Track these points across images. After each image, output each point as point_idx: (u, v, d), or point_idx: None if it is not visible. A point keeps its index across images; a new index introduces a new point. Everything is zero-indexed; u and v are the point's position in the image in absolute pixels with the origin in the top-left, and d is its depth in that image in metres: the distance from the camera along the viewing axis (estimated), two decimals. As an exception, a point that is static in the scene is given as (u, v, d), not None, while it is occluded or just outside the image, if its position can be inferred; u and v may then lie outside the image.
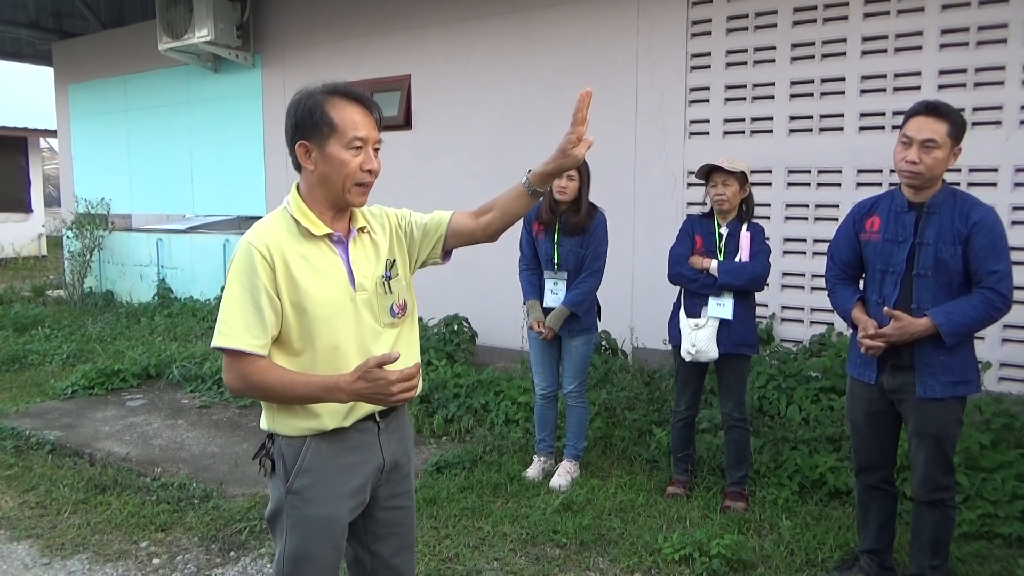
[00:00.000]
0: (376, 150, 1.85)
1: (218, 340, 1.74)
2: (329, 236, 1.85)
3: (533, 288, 4.02)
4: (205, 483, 4.06)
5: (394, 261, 1.95)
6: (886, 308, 2.72)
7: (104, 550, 3.40)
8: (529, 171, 1.92)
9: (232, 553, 3.37)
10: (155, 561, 3.32)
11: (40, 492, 4.00)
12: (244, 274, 1.75)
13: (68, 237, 10.00)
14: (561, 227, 3.93)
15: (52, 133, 14.32)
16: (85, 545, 3.45)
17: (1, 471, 4.27)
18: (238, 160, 8.36)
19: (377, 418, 1.92)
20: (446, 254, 2.04)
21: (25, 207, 15.88)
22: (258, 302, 1.74)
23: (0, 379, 6.25)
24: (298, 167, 1.86)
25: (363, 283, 1.87)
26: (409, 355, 1.96)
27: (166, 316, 8.27)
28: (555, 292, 3.92)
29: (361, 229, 1.92)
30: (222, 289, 1.80)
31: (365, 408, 1.87)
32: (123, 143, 9.61)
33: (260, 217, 1.93)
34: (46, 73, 12.63)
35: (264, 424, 1.90)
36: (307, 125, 1.79)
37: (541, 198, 1.98)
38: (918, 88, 4.55)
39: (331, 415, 1.84)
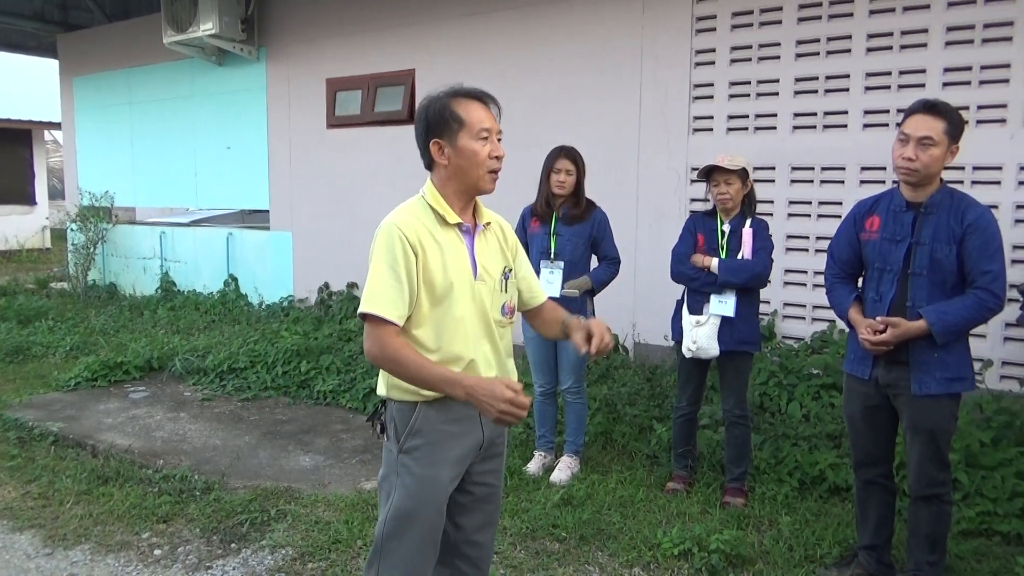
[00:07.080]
0: (499, 140, 2.00)
1: (364, 307, 1.92)
2: (460, 226, 2.02)
3: None
4: (207, 475, 4.08)
5: (512, 269, 2.14)
6: (880, 318, 2.76)
7: (106, 541, 3.42)
8: (566, 322, 2.16)
9: (233, 545, 3.38)
10: (157, 552, 3.33)
11: (43, 483, 4.02)
12: (388, 253, 1.92)
13: (72, 230, 10.03)
14: (560, 218, 3.96)
15: (56, 126, 14.34)
16: (87, 536, 3.47)
17: (4, 462, 4.29)
18: (241, 154, 8.36)
19: None
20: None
21: (29, 200, 15.93)
22: (399, 278, 1.91)
23: (4, 370, 6.27)
24: (429, 166, 2.04)
25: (484, 274, 2.04)
26: (507, 361, 2.15)
27: (169, 309, 8.29)
28: (551, 281, 3.92)
29: (487, 224, 2.10)
30: (368, 278, 1.95)
31: None
32: (127, 136, 9.63)
33: (263, 211, 1.99)
34: (51, 66, 12.63)
35: (380, 390, 2.07)
36: (438, 124, 1.97)
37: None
38: (923, 86, 4.54)
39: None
